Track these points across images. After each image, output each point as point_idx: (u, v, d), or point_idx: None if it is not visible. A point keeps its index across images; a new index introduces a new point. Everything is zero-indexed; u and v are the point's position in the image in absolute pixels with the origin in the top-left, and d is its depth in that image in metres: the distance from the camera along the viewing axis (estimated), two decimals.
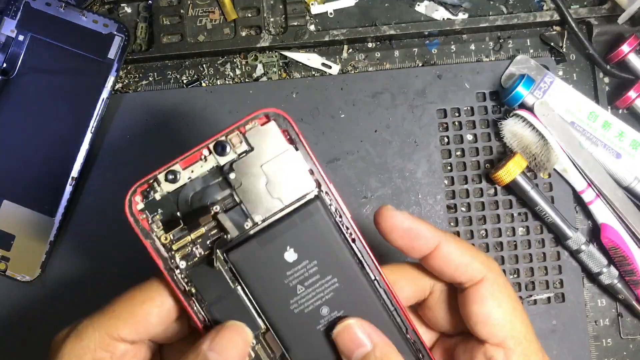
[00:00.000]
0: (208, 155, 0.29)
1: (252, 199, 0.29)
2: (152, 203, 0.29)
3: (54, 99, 0.48)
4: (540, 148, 0.47)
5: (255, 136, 0.29)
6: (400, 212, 0.30)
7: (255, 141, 0.29)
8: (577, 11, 0.49)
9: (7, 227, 0.47)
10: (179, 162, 0.29)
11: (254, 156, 0.29)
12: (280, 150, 0.29)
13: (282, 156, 0.30)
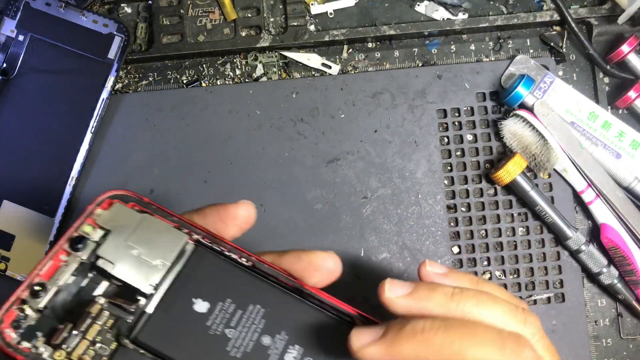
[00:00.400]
0: (67, 256, 0.27)
1: (133, 274, 0.27)
2: (28, 329, 0.26)
3: (54, 99, 0.48)
4: (540, 148, 0.47)
5: (106, 220, 0.28)
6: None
7: (109, 223, 0.28)
8: (577, 11, 0.49)
9: (7, 227, 0.47)
10: (39, 274, 0.27)
11: (115, 236, 0.28)
12: (137, 221, 0.28)
13: (142, 225, 0.28)
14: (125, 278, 0.27)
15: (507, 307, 0.26)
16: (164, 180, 0.49)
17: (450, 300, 0.26)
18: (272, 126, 0.49)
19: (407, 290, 0.27)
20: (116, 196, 0.29)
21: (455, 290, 0.26)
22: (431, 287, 0.27)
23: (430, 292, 0.27)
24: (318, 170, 0.49)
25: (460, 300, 0.26)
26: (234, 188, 0.48)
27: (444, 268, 0.29)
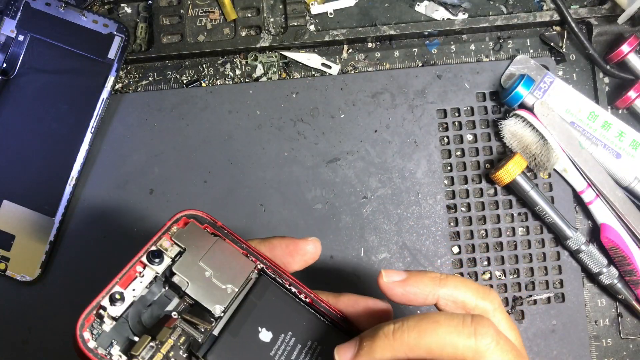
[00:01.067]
0: (143, 269, 0.29)
1: (205, 294, 0.29)
2: (104, 335, 0.27)
3: (54, 99, 0.48)
4: (540, 148, 0.47)
5: (182, 238, 0.30)
6: (393, 276, 0.30)
7: (185, 242, 0.29)
8: (577, 11, 0.49)
9: (7, 227, 0.47)
10: (118, 282, 0.28)
11: (189, 254, 0.29)
12: (210, 243, 0.30)
13: (214, 248, 0.30)
14: (199, 298, 0.29)
15: (450, 326, 0.27)
16: (164, 180, 0.49)
17: (393, 340, 0.27)
18: (272, 126, 0.49)
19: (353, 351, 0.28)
20: (192, 216, 0.30)
21: (395, 326, 0.27)
22: (372, 335, 0.28)
23: (372, 342, 0.27)
24: (318, 170, 0.49)
25: (402, 336, 0.27)
26: (234, 188, 0.48)
27: (401, 274, 0.31)
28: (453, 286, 0.30)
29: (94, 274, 0.48)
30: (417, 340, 0.26)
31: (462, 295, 0.30)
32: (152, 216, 0.48)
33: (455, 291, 0.30)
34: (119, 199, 0.49)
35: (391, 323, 0.27)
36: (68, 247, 0.48)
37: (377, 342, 0.27)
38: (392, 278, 0.30)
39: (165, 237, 0.29)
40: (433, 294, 0.30)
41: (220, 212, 0.48)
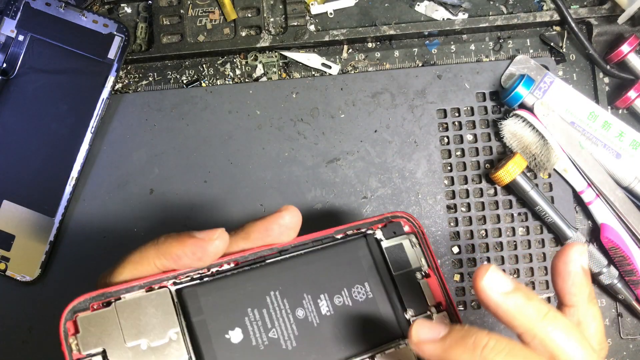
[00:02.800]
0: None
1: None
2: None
3: (54, 99, 0.48)
4: (540, 148, 0.47)
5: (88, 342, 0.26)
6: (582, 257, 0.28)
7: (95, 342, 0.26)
8: (577, 11, 0.49)
9: (7, 227, 0.47)
10: None
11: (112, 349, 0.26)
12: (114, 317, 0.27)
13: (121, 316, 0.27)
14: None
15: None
16: (164, 180, 0.49)
17: (479, 356, 0.25)
18: (272, 126, 0.49)
19: (435, 336, 0.26)
20: (73, 313, 0.26)
21: (489, 343, 0.25)
22: (462, 336, 0.26)
23: (455, 343, 0.26)
24: (318, 170, 0.49)
25: (488, 355, 0.25)
26: (234, 188, 0.48)
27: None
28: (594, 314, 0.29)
29: (94, 274, 0.48)
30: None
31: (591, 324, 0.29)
32: (152, 216, 0.48)
33: (592, 318, 0.29)
34: (119, 199, 0.49)
35: (486, 336, 0.25)
36: (68, 247, 0.48)
37: (459, 347, 0.25)
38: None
39: (77, 358, 0.25)
40: (578, 301, 0.28)
41: (220, 212, 0.48)
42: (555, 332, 0.26)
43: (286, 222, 0.31)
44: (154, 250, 0.29)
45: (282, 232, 0.31)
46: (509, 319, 0.27)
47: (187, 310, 0.27)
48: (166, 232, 0.48)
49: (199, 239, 0.29)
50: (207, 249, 0.28)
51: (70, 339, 0.25)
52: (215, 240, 0.29)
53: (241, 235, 0.31)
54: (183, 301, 0.28)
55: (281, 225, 0.30)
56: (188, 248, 0.28)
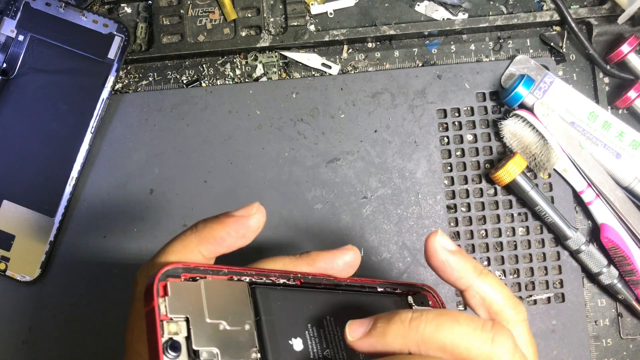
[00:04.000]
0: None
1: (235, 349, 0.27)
2: None
3: (54, 99, 0.48)
4: (540, 148, 0.47)
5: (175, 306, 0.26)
6: (443, 242, 0.30)
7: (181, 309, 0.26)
8: (577, 11, 0.49)
9: (7, 227, 0.47)
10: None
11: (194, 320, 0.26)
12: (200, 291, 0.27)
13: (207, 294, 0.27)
14: (233, 358, 0.26)
15: (469, 327, 0.26)
16: (164, 180, 0.49)
17: (408, 328, 0.26)
18: (272, 126, 0.49)
19: (365, 329, 0.27)
20: (165, 277, 0.27)
21: (413, 315, 0.26)
22: (387, 318, 0.27)
23: (387, 325, 0.27)
24: (318, 170, 0.49)
25: (419, 326, 0.26)
26: (234, 188, 0.48)
27: (453, 245, 0.30)
28: (490, 283, 0.30)
29: (94, 274, 0.48)
30: (432, 334, 0.26)
31: (493, 295, 0.30)
32: (152, 216, 0.48)
33: (490, 288, 0.30)
34: (119, 199, 0.49)
35: (410, 311, 0.27)
36: (68, 247, 0.48)
37: (391, 327, 0.26)
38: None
39: (164, 320, 0.26)
40: (468, 280, 0.30)
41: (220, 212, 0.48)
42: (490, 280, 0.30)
43: (349, 259, 0.33)
44: (196, 237, 0.29)
45: (343, 269, 0.33)
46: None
47: (259, 308, 0.28)
48: (166, 232, 0.48)
49: (238, 217, 0.30)
50: (249, 224, 0.29)
51: (160, 299, 0.26)
52: (255, 214, 0.30)
53: (307, 260, 0.33)
54: (256, 299, 0.29)
55: (345, 262, 0.33)
56: (230, 227, 0.29)
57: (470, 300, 0.30)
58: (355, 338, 0.27)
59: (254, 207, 0.30)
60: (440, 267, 0.30)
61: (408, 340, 0.26)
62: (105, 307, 0.48)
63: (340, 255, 0.33)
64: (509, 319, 0.30)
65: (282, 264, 0.33)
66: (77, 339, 0.48)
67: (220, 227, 0.29)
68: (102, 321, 0.48)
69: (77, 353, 0.48)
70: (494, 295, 0.30)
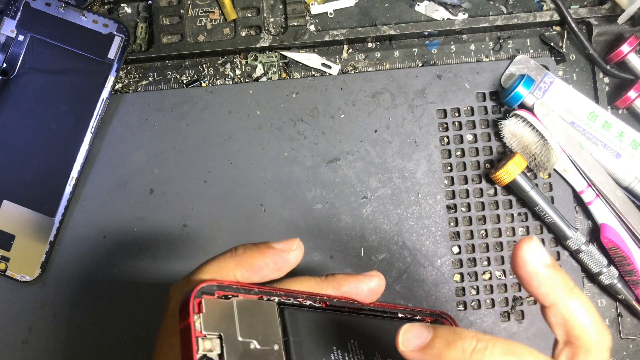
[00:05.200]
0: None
1: None
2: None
3: (54, 99, 0.48)
4: (540, 148, 0.47)
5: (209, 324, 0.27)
6: (536, 252, 0.28)
7: (214, 326, 0.27)
8: (577, 11, 0.49)
9: (7, 227, 0.47)
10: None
11: (227, 337, 0.27)
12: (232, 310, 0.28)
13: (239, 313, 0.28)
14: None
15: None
16: (164, 180, 0.49)
17: (468, 358, 0.25)
18: (272, 126, 0.49)
19: (421, 343, 0.26)
20: (200, 294, 0.27)
21: (478, 345, 0.25)
22: (448, 340, 0.25)
23: (445, 349, 0.25)
24: (318, 170, 0.49)
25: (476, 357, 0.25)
26: (234, 188, 0.48)
27: (547, 257, 0.28)
28: (579, 303, 0.27)
29: (94, 274, 0.48)
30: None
31: (579, 318, 0.27)
32: (152, 216, 0.49)
33: (578, 309, 0.27)
34: (119, 199, 0.49)
35: (475, 339, 0.25)
36: (68, 247, 0.48)
37: (450, 351, 0.25)
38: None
39: (199, 336, 0.26)
40: (555, 298, 0.28)
41: (220, 212, 0.48)
42: (581, 299, 0.27)
43: (375, 286, 0.33)
44: (234, 261, 0.30)
45: (368, 295, 0.33)
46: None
47: (287, 328, 0.29)
48: (165, 233, 0.48)
49: (278, 250, 0.30)
50: (288, 259, 0.30)
51: (195, 316, 0.27)
52: (295, 251, 0.30)
53: (332, 283, 0.33)
54: (284, 319, 0.29)
55: (370, 288, 0.33)
56: (269, 258, 0.30)
57: (551, 318, 0.28)
58: (408, 349, 0.26)
59: (294, 243, 0.30)
60: (527, 279, 0.28)
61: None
62: (105, 307, 0.48)
63: (365, 281, 0.33)
64: (591, 345, 0.27)
65: (308, 286, 0.33)
66: (77, 339, 0.48)
67: (260, 256, 0.30)
68: (102, 321, 0.48)
69: (77, 353, 0.48)
70: (579, 318, 0.27)
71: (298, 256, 0.30)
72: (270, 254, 0.30)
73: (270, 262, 0.30)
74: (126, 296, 0.48)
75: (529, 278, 0.28)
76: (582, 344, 0.27)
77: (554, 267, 0.28)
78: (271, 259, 0.30)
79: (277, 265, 0.30)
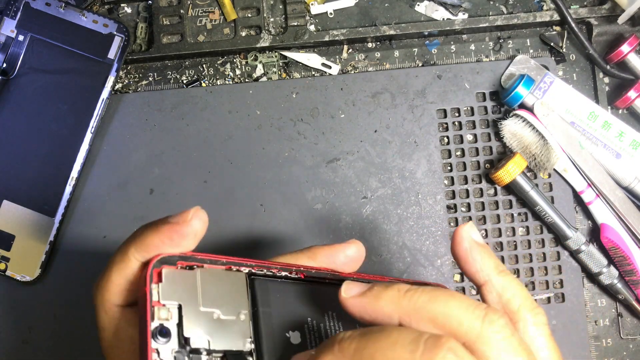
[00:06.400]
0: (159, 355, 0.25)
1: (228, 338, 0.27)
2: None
3: (54, 99, 0.48)
4: (540, 148, 0.47)
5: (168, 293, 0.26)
6: (471, 232, 0.30)
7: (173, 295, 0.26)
8: (577, 11, 0.49)
9: (7, 227, 0.47)
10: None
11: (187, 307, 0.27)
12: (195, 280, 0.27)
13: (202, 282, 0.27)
14: (225, 346, 0.26)
15: (463, 302, 0.26)
16: (164, 180, 0.49)
17: (403, 296, 0.26)
18: (272, 126, 0.49)
19: (361, 289, 0.27)
20: (160, 263, 0.27)
21: (411, 287, 0.26)
22: (385, 285, 0.27)
23: (383, 290, 0.27)
24: (318, 170, 0.49)
25: (413, 295, 0.26)
26: (234, 188, 0.48)
27: (480, 238, 0.30)
28: (509, 281, 0.29)
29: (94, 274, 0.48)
30: (425, 304, 0.26)
31: (511, 294, 0.29)
32: (152, 216, 0.48)
33: (508, 286, 0.29)
34: (119, 199, 0.49)
35: (409, 284, 0.27)
36: (68, 247, 0.48)
37: (387, 292, 0.26)
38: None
39: (156, 305, 0.26)
40: (487, 274, 0.30)
41: (220, 212, 0.48)
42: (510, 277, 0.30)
43: (351, 253, 0.33)
44: (132, 245, 0.28)
45: (346, 262, 0.32)
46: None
47: (257, 299, 0.28)
48: None
49: (173, 224, 0.28)
50: (184, 232, 0.28)
51: (153, 285, 0.26)
52: (191, 221, 0.28)
53: (307, 254, 0.32)
54: (254, 290, 0.28)
55: (347, 256, 0.32)
56: (164, 234, 0.28)
57: (487, 295, 0.30)
58: (349, 295, 0.27)
59: (189, 213, 0.28)
60: (462, 256, 0.30)
61: (400, 308, 0.26)
62: None
63: (341, 249, 0.33)
64: (526, 321, 0.29)
65: (283, 259, 0.32)
66: (78, 339, 0.48)
67: (154, 234, 0.28)
68: None
69: (77, 353, 0.48)
70: (511, 294, 0.29)
71: (197, 226, 0.28)
72: (165, 230, 0.28)
73: (166, 238, 0.28)
74: None
75: (465, 254, 0.30)
76: (518, 319, 0.29)
77: (485, 247, 0.30)
78: (166, 235, 0.28)
79: (174, 240, 0.28)
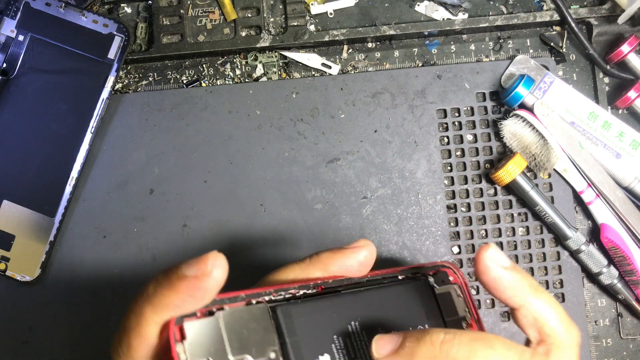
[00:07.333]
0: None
1: None
2: None
3: (54, 99, 0.48)
4: (540, 148, 0.47)
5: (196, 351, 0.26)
6: (496, 257, 0.28)
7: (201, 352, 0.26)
8: (577, 11, 0.49)
9: (7, 227, 0.47)
10: None
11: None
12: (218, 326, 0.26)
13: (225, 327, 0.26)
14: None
15: (505, 357, 0.25)
16: (164, 180, 0.49)
17: (439, 351, 0.25)
18: (272, 126, 0.49)
19: (393, 347, 0.26)
20: (180, 320, 0.25)
21: (445, 337, 0.25)
22: (417, 338, 0.26)
23: (416, 346, 0.26)
24: (318, 170, 0.49)
25: (450, 350, 0.25)
26: (234, 188, 0.48)
27: (507, 261, 0.28)
28: (545, 301, 0.28)
29: (94, 274, 0.48)
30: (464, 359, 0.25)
31: (547, 315, 0.28)
32: (152, 216, 0.48)
33: (544, 308, 0.28)
34: (119, 199, 0.49)
35: (442, 332, 0.25)
36: (68, 247, 0.48)
37: (420, 347, 0.25)
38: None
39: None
40: (522, 299, 0.28)
41: (220, 212, 0.48)
42: (545, 298, 0.28)
43: (363, 258, 0.31)
44: (149, 307, 0.26)
45: (359, 269, 0.31)
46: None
47: (282, 330, 0.27)
48: (165, 233, 0.48)
49: (192, 278, 0.25)
50: (206, 287, 0.25)
51: (178, 345, 0.25)
52: (212, 273, 0.25)
53: (319, 266, 0.31)
54: (278, 320, 0.28)
55: (360, 263, 0.31)
56: (184, 292, 0.25)
57: (521, 319, 0.28)
58: (382, 356, 0.26)
59: (208, 263, 0.25)
60: (492, 284, 0.28)
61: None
62: (105, 307, 0.48)
63: (353, 255, 0.31)
64: (561, 343, 0.28)
65: (294, 274, 0.31)
66: (77, 339, 0.48)
67: (172, 293, 0.25)
68: (102, 321, 0.48)
69: (77, 353, 0.48)
70: (548, 316, 0.28)
71: (218, 277, 0.25)
72: (184, 288, 0.25)
73: (187, 296, 0.25)
74: (126, 296, 0.48)
75: (493, 283, 0.28)
76: (553, 341, 0.28)
77: (515, 270, 0.28)
78: (187, 293, 0.25)
79: (196, 296, 0.25)
